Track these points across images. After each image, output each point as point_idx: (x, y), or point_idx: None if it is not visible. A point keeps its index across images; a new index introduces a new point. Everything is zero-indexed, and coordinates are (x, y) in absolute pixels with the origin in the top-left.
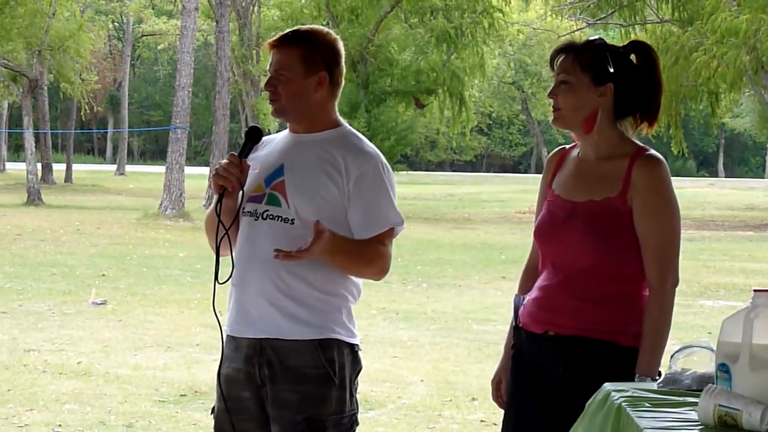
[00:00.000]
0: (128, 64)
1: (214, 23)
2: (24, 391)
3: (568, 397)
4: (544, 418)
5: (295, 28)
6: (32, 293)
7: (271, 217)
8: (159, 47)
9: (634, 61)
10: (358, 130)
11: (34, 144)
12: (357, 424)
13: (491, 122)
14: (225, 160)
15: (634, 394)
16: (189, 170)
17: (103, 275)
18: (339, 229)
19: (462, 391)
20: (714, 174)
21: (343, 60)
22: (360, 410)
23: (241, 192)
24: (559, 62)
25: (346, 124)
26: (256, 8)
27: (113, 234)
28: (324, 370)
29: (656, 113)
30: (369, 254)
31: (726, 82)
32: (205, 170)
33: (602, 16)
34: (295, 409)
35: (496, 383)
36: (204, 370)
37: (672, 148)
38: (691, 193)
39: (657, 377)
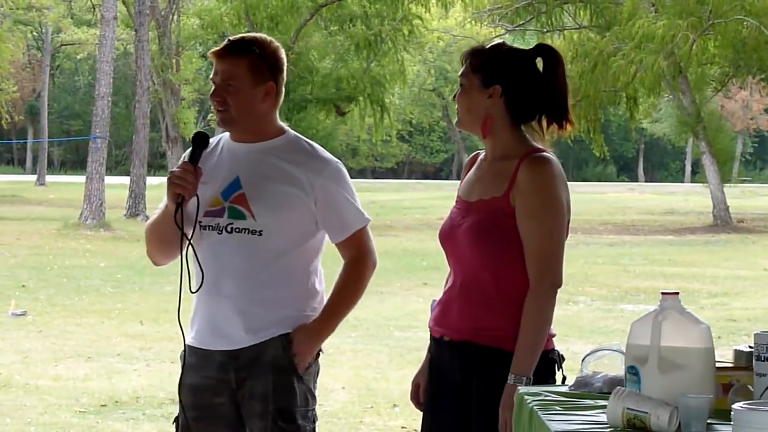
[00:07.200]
0: (48, 74)
1: (134, 32)
2: None
3: (467, 401)
4: (457, 422)
5: (238, 36)
6: None
7: (237, 230)
8: (79, 57)
9: (540, 64)
10: None
11: None
12: (317, 419)
13: (412, 129)
14: (178, 168)
15: (546, 398)
16: (109, 180)
17: (23, 286)
18: (308, 236)
19: (383, 398)
20: (634, 179)
21: (285, 68)
22: None
23: (195, 199)
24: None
25: (291, 130)
26: (175, 17)
27: (33, 245)
28: (290, 362)
29: (563, 116)
30: (349, 294)
31: (645, 87)
32: (126, 180)
33: (521, 23)
34: (266, 400)
35: (415, 384)
36: (125, 380)
37: (594, 152)
38: (612, 198)
39: (531, 378)
